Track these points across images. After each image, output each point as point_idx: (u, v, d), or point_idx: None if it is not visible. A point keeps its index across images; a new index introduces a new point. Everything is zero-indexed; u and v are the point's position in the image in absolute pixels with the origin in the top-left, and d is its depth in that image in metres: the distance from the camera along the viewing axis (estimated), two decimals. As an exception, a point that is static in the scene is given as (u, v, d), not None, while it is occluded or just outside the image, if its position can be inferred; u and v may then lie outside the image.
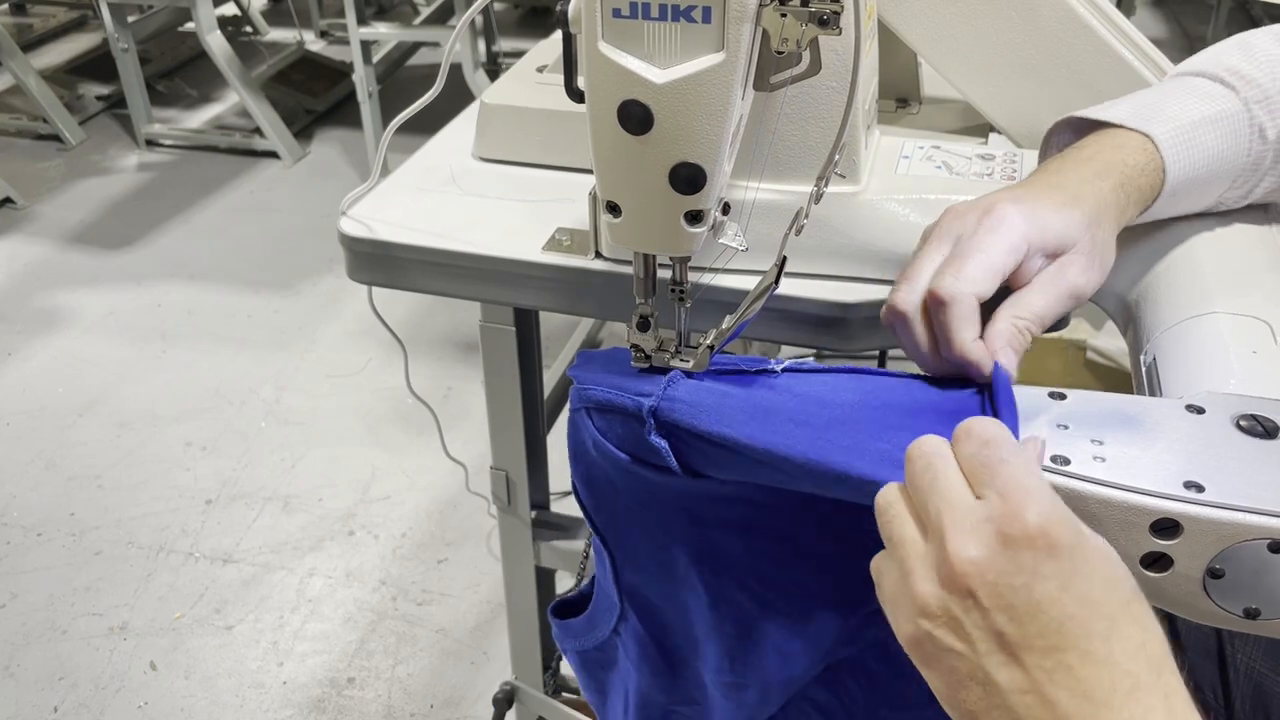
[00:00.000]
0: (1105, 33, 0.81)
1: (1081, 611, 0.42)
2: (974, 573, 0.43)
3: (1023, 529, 0.42)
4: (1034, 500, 0.43)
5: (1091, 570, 0.42)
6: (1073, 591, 0.42)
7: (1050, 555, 0.42)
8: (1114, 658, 0.41)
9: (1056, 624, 0.42)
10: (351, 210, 0.86)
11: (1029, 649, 0.42)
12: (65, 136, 3.40)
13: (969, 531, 0.43)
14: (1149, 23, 3.90)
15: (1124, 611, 0.42)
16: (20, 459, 2.09)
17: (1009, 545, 0.43)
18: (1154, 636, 0.42)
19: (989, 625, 0.43)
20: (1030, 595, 0.42)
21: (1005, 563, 0.42)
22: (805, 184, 0.75)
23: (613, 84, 0.49)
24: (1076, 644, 0.42)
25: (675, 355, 0.59)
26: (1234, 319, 0.62)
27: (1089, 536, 0.44)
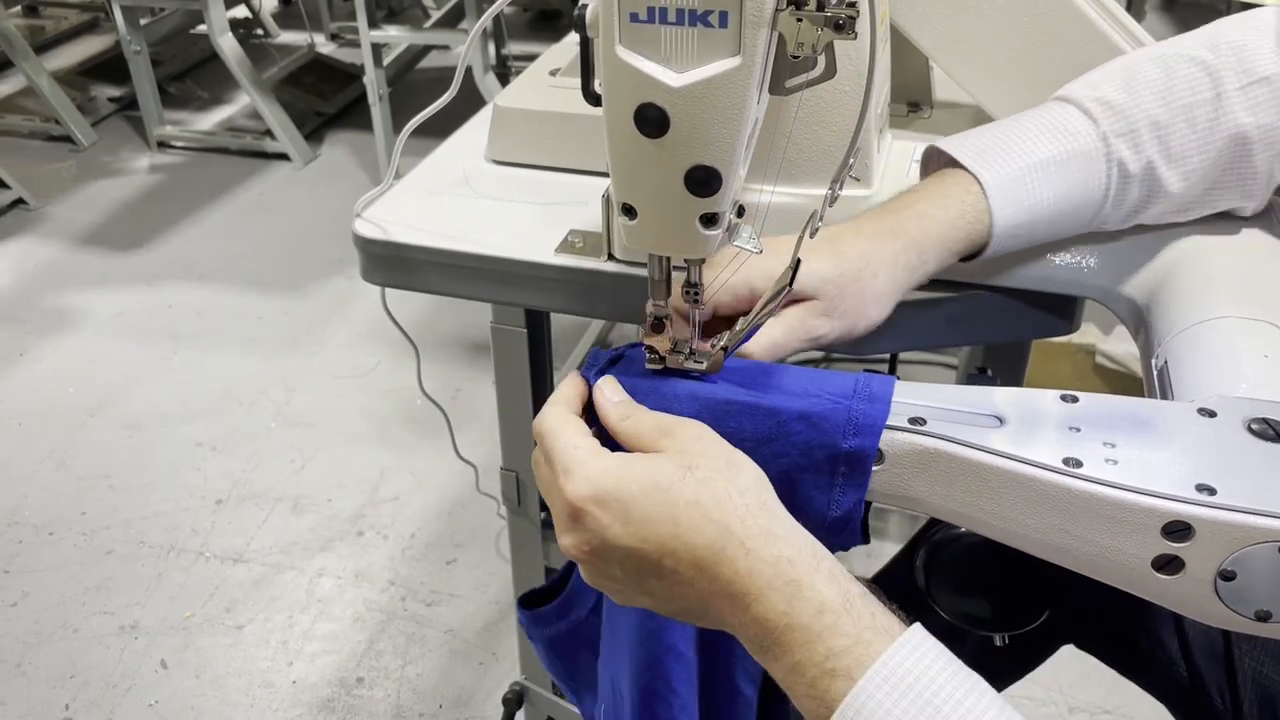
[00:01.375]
0: (1115, 36, 0.81)
1: (647, 529, 0.51)
2: (575, 551, 0.53)
3: (573, 505, 0.52)
4: (570, 477, 0.52)
5: (631, 497, 0.51)
6: (632, 521, 0.51)
7: (601, 508, 0.51)
8: (689, 544, 0.50)
9: (639, 549, 0.51)
10: (365, 212, 0.87)
11: (643, 576, 0.52)
12: (77, 138, 3.42)
13: (557, 519, 0.54)
14: (1159, 26, 3.90)
15: (671, 507, 0.51)
16: (31, 459, 2.10)
17: (577, 519, 0.52)
18: (712, 505, 0.51)
19: (611, 576, 0.54)
20: (609, 545, 0.52)
21: (580, 534, 0.52)
22: (818, 187, 0.76)
23: (629, 87, 0.50)
24: (663, 549, 0.51)
25: (689, 357, 0.60)
26: (1245, 323, 0.62)
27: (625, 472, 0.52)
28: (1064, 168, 0.67)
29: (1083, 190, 0.67)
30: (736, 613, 0.50)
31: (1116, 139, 0.67)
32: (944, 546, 0.81)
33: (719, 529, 0.50)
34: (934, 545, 0.81)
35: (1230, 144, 0.67)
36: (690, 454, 0.52)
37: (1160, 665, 0.80)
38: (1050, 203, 0.67)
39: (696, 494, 0.51)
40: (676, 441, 0.53)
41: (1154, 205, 0.70)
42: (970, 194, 0.67)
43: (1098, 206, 0.69)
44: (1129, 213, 0.70)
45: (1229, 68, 0.67)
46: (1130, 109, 0.67)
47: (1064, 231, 0.70)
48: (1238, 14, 0.70)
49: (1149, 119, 0.66)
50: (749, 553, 0.49)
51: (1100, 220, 0.70)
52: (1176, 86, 0.67)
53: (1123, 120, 0.67)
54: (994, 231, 0.67)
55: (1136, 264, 0.72)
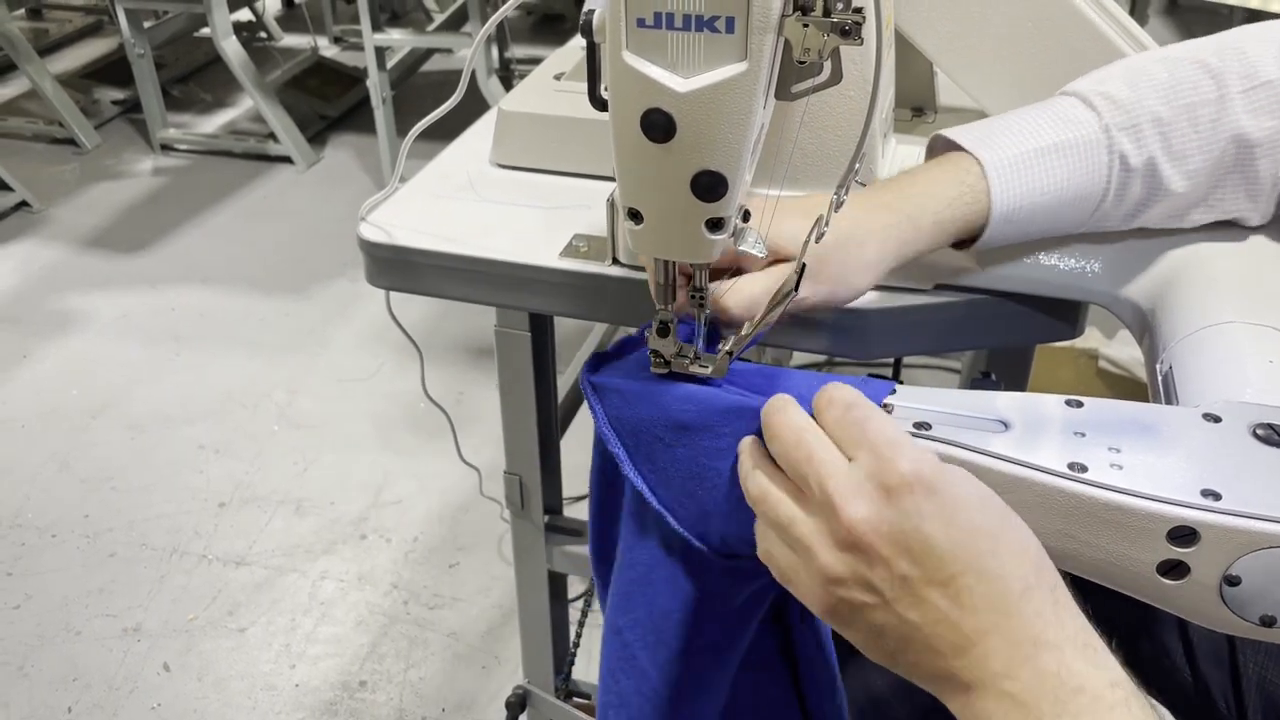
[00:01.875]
0: (1119, 41, 0.81)
1: (967, 537, 0.46)
2: (868, 529, 0.46)
3: (900, 478, 0.46)
4: (901, 449, 0.47)
5: (965, 498, 0.47)
6: (957, 522, 0.46)
7: (928, 495, 0.46)
8: (1004, 569, 0.46)
9: (949, 553, 0.45)
10: (370, 215, 0.87)
11: (931, 583, 0.46)
12: (81, 140, 3.42)
13: (854, 493, 0.47)
14: (1162, 31, 3.90)
15: (1002, 526, 0.47)
16: (34, 461, 2.10)
17: (892, 496, 0.46)
18: (1031, 541, 0.47)
19: (893, 573, 0.46)
20: (921, 535, 0.46)
21: (892, 512, 0.46)
22: (823, 191, 0.76)
23: (636, 93, 0.50)
24: (970, 566, 0.45)
25: (694, 361, 0.60)
26: (1250, 328, 0.62)
27: (952, 469, 0.47)
28: (1065, 155, 0.66)
29: (1083, 180, 0.67)
30: (1011, 661, 0.45)
31: (1119, 131, 0.66)
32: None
33: (1036, 569, 0.46)
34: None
35: (1233, 146, 0.67)
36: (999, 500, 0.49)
37: (1164, 671, 0.80)
38: (1050, 190, 0.66)
39: (1020, 525, 0.47)
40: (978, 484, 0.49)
41: (1156, 204, 0.69)
42: (970, 174, 0.66)
43: (1098, 200, 0.68)
44: (1130, 211, 0.70)
45: (1233, 71, 0.67)
46: (1133, 104, 0.67)
47: (1063, 224, 0.70)
48: (1248, 25, 0.70)
49: (1151, 115, 0.66)
50: (1056, 602, 0.46)
51: (1101, 217, 0.69)
52: (1180, 86, 0.67)
53: (1125, 114, 0.66)
54: (991, 215, 0.66)
55: (1141, 269, 0.72)
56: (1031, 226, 0.68)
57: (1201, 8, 2.64)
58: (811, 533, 0.48)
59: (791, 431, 0.50)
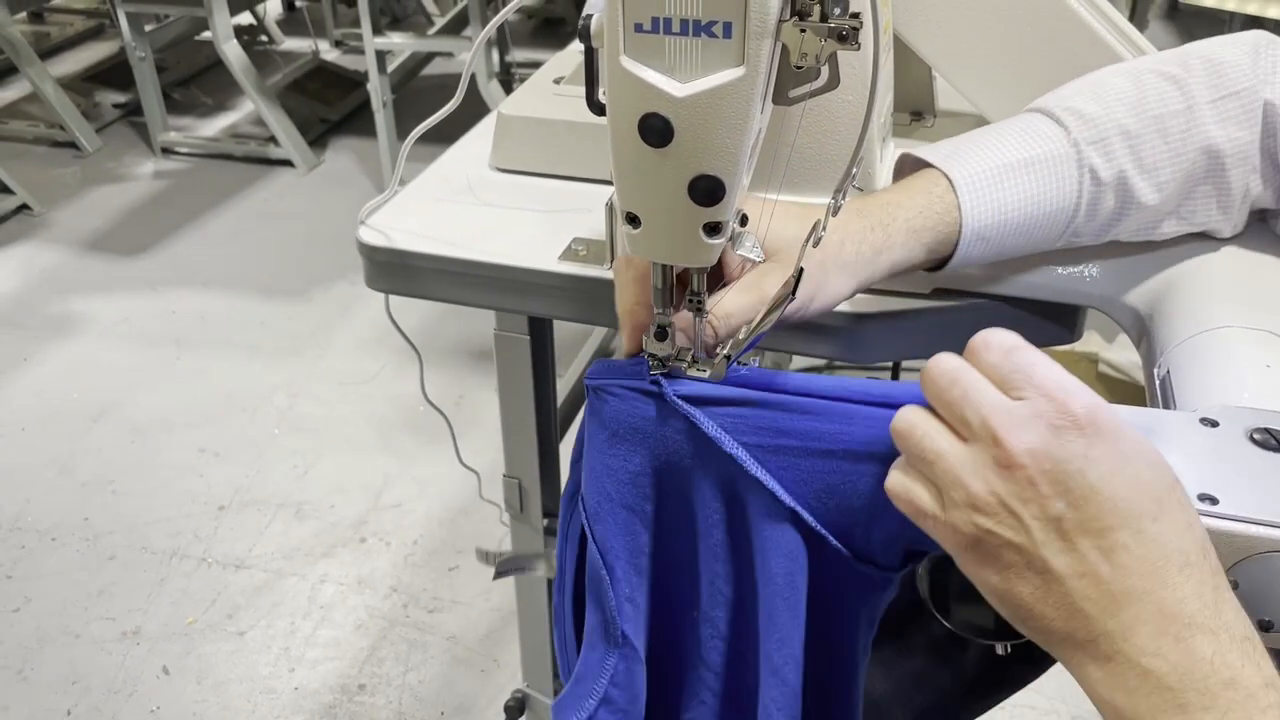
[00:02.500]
0: (1118, 46, 0.81)
1: (1132, 493, 0.43)
2: (1031, 462, 0.43)
3: (1073, 418, 0.43)
4: (1076, 392, 0.44)
5: (1139, 455, 0.44)
6: (1124, 474, 0.43)
7: (1101, 439, 0.43)
8: (1164, 536, 0.43)
9: (1110, 504, 0.43)
10: (370, 219, 0.87)
11: (1085, 531, 0.43)
12: (82, 144, 3.43)
13: (1021, 425, 0.44)
14: (1161, 36, 3.91)
15: (1169, 494, 0.44)
16: (35, 464, 2.10)
17: (1061, 433, 0.43)
18: (1197, 521, 0.44)
19: (1046, 512, 0.44)
20: (1085, 479, 0.43)
21: (1059, 449, 0.43)
22: (821, 196, 0.76)
23: (634, 97, 0.50)
24: (1128, 523, 0.43)
25: (692, 365, 0.60)
26: (1247, 333, 0.62)
27: (1131, 428, 0.44)
28: (1034, 170, 0.66)
29: (1054, 195, 0.66)
30: (1159, 637, 0.42)
31: (1087, 146, 0.66)
32: (946, 555, 0.81)
33: (1199, 546, 0.43)
34: (936, 554, 0.81)
35: (1203, 156, 0.67)
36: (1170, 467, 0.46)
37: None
38: (1021, 205, 0.66)
39: (1186, 501, 0.45)
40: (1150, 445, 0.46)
41: (1128, 217, 0.69)
42: (939, 187, 0.66)
43: (1070, 216, 0.67)
44: (1103, 225, 0.69)
45: (1200, 82, 0.66)
46: (1100, 118, 0.66)
47: (1036, 241, 0.69)
48: (1212, 37, 0.70)
49: (1119, 128, 0.66)
50: (1217, 587, 0.43)
51: (1074, 232, 0.69)
52: (1147, 98, 0.66)
53: (1093, 128, 0.66)
54: (962, 231, 0.65)
55: (1139, 273, 0.72)
56: (1004, 244, 0.68)
57: (1201, 12, 2.64)
58: (964, 462, 0.46)
59: (944, 373, 0.47)
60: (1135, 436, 0.44)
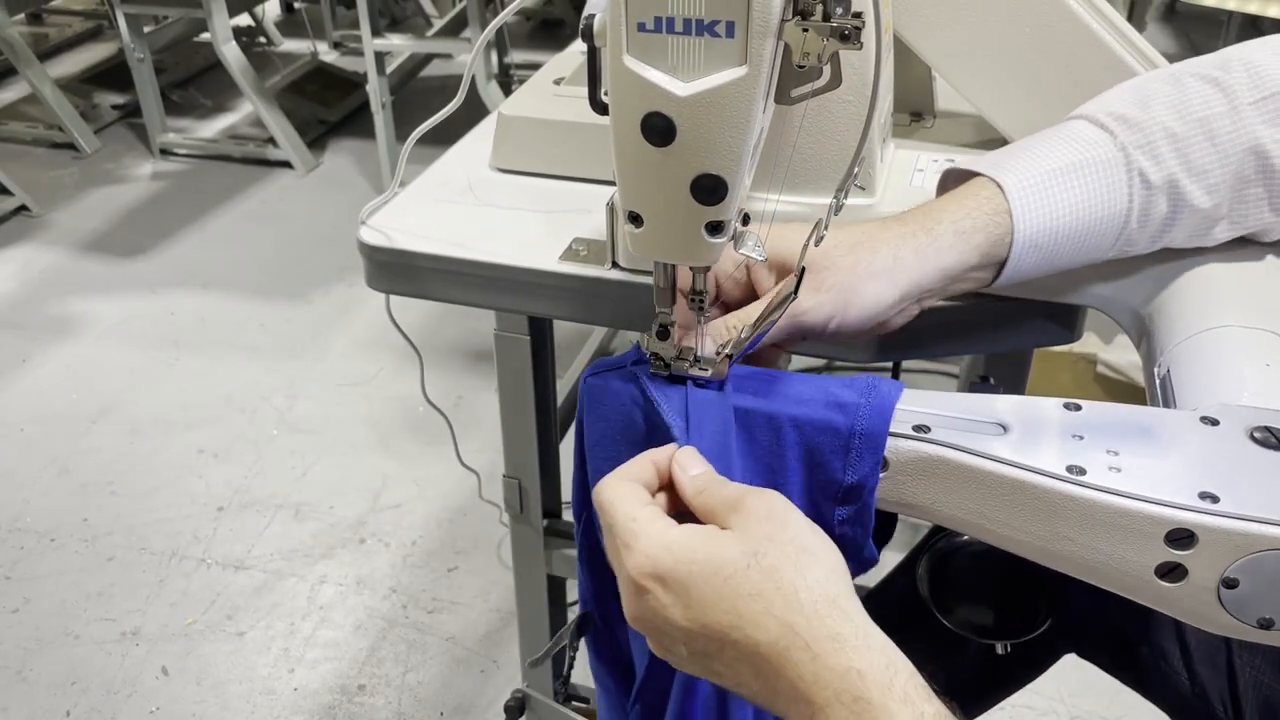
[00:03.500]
0: (1117, 46, 0.82)
1: (708, 618, 0.48)
2: (639, 625, 0.52)
3: (634, 580, 0.50)
4: (631, 552, 0.50)
5: (693, 580, 0.49)
6: (692, 607, 0.49)
7: (662, 588, 0.49)
8: (752, 638, 0.47)
9: (702, 637, 0.49)
10: (370, 219, 0.87)
11: (709, 658, 0.50)
12: (80, 145, 3.43)
13: (623, 592, 0.52)
14: (1160, 37, 3.91)
15: (737, 598, 0.48)
16: (34, 465, 2.10)
17: (638, 596, 0.50)
18: (776, 599, 0.47)
19: (677, 654, 0.51)
20: (671, 624, 0.50)
21: (643, 609, 0.51)
22: (823, 196, 0.76)
23: (636, 96, 0.50)
24: (724, 642, 0.48)
25: (693, 364, 0.60)
26: (1247, 332, 0.62)
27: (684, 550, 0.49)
28: (1083, 175, 0.65)
29: (1106, 201, 0.65)
30: (801, 717, 0.47)
31: (1135, 150, 0.65)
32: (947, 555, 0.81)
33: (782, 627, 0.47)
34: (937, 553, 0.81)
35: (1251, 157, 0.66)
36: (757, 536, 0.49)
37: (1162, 674, 0.80)
38: (1073, 210, 0.65)
39: (759, 585, 0.47)
40: (745, 519, 0.50)
41: (1180, 222, 0.67)
42: (986, 191, 0.65)
43: (1122, 221, 0.66)
44: (1156, 231, 0.67)
45: (1241, 84, 0.66)
46: (1145, 122, 0.65)
47: (1090, 250, 0.67)
48: (1249, 40, 0.69)
49: (1165, 131, 0.65)
50: (815, 658, 0.46)
51: (1127, 240, 0.67)
52: (1190, 101, 0.66)
53: (1139, 132, 0.65)
54: (1015, 238, 0.64)
55: (1138, 273, 0.72)
56: (1058, 253, 0.66)
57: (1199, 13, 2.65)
58: None
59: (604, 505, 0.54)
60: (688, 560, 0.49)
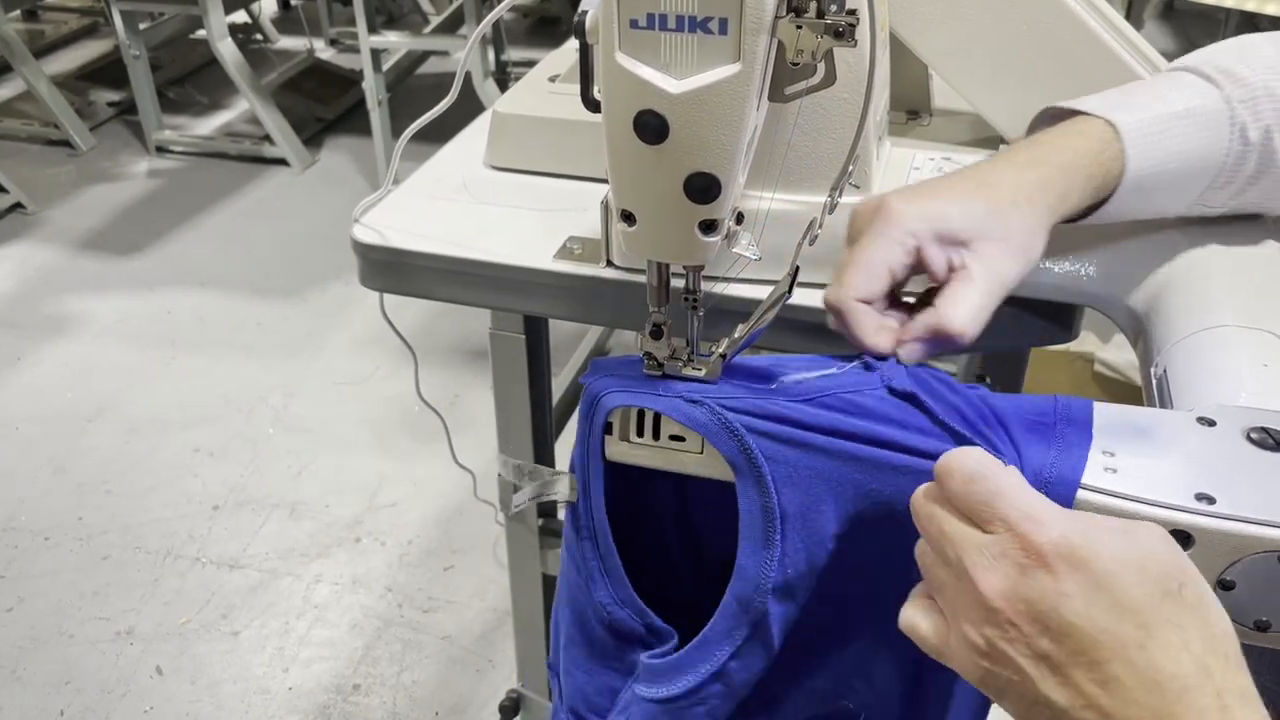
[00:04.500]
0: (1114, 44, 0.81)
1: (1112, 623, 0.42)
2: (1005, 605, 0.43)
3: (1037, 554, 0.43)
4: (1039, 524, 0.44)
5: (1115, 578, 0.42)
6: (1099, 604, 0.42)
7: (1070, 571, 0.42)
8: (1156, 663, 0.41)
9: (1091, 639, 0.42)
10: (364, 217, 0.87)
11: (1075, 666, 0.42)
12: (76, 142, 3.42)
13: (989, 567, 0.44)
14: (1157, 35, 3.91)
15: (1157, 615, 0.42)
16: (29, 464, 2.10)
17: (1027, 573, 0.43)
18: (1196, 635, 0.42)
19: (1034, 650, 0.43)
20: (1060, 616, 0.42)
21: (1029, 589, 0.43)
22: (817, 194, 0.76)
23: (629, 94, 0.50)
24: (1115, 655, 0.41)
25: (688, 363, 0.60)
26: (1245, 332, 0.62)
27: (1106, 541, 0.43)
28: (1194, 121, 0.65)
29: (1210, 148, 0.65)
30: None
31: (1239, 105, 0.65)
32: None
33: (1198, 667, 0.41)
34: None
35: None
36: (1168, 564, 0.43)
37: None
38: (1180, 156, 0.64)
39: (1180, 616, 0.42)
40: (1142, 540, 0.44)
41: (1262, 182, 0.67)
42: (1106, 136, 0.64)
43: (1214, 173, 0.66)
44: (1237, 189, 0.68)
45: None
46: (1249, 79, 0.66)
47: (1174, 201, 0.67)
48: None
49: (1266, 89, 0.65)
50: (1223, 708, 0.41)
51: (1206, 196, 0.67)
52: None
53: (1243, 87, 0.65)
54: (1124, 179, 0.64)
55: (1136, 272, 0.72)
56: (1152, 199, 0.66)
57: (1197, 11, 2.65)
58: (956, 603, 0.46)
59: (920, 509, 0.49)
60: (1110, 554, 0.43)
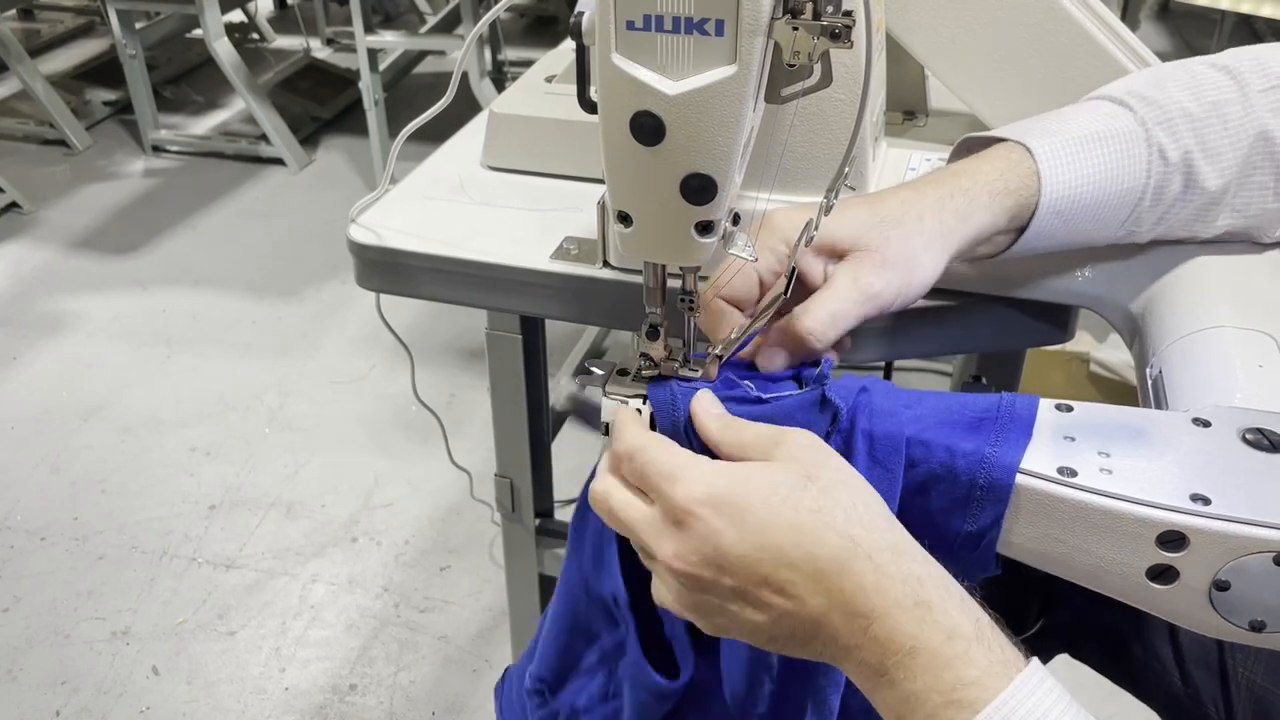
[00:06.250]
0: (1110, 45, 0.81)
1: (762, 537, 0.48)
2: (680, 563, 0.50)
3: (683, 509, 0.49)
4: (676, 480, 0.50)
5: (749, 499, 0.48)
6: (748, 528, 0.48)
7: (715, 512, 0.48)
8: (812, 554, 0.47)
9: (754, 557, 0.48)
10: (360, 217, 0.87)
11: (757, 587, 0.48)
12: (72, 142, 3.41)
13: (659, 535, 0.51)
14: (1153, 36, 3.91)
15: (798, 513, 0.48)
16: (24, 463, 2.09)
17: (682, 526, 0.49)
18: (838, 514, 0.48)
19: (724, 590, 0.49)
20: (723, 552, 0.48)
21: (689, 540, 0.49)
22: (813, 195, 0.76)
23: (625, 95, 0.50)
24: (780, 562, 0.48)
25: (684, 364, 0.60)
26: (1240, 333, 0.62)
27: (736, 474, 0.49)
28: (1107, 144, 0.65)
29: (1126, 173, 0.66)
30: (853, 633, 0.47)
31: (1155, 126, 0.66)
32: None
33: (844, 540, 0.47)
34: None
35: (1260, 142, 0.66)
36: (807, 462, 0.49)
37: (1154, 675, 0.80)
38: (1097, 179, 0.65)
39: (819, 502, 0.48)
40: (789, 450, 0.50)
41: (1189, 203, 0.68)
42: (1016, 154, 0.65)
43: (1138, 196, 0.67)
44: (1164, 211, 0.68)
45: (1250, 72, 0.67)
46: (1164, 101, 0.66)
47: (1103, 224, 0.68)
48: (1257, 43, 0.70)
49: (1183, 110, 0.66)
50: (876, 567, 0.47)
51: (1136, 219, 0.68)
52: (1203, 86, 0.67)
53: (1158, 110, 0.66)
54: (1041, 200, 0.64)
55: (1131, 273, 0.72)
56: (1076, 223, 0.67)
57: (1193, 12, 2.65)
58: (657, 575, 0.53)
59: (597, 499, 0.54)
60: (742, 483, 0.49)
